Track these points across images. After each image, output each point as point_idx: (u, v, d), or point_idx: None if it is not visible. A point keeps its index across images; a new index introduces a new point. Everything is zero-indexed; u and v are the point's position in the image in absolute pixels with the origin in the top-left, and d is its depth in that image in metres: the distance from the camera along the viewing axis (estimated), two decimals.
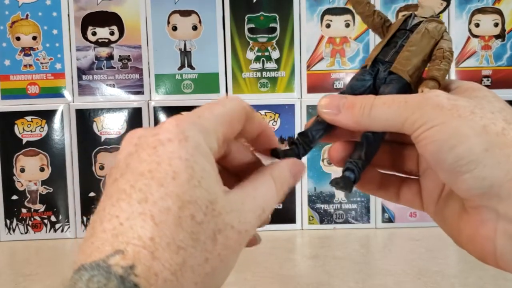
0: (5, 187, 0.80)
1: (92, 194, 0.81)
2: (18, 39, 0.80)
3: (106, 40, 0.81)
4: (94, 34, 0.80)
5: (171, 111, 0.80)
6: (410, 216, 0.82)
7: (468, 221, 0.29)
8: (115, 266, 0.21)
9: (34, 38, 0.80)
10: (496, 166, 0.26)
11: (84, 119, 0.80)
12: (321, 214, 0.82)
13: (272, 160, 0.31)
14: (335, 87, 0.81)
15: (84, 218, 0.81)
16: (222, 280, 0.25)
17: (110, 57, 0.81)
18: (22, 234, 0.81)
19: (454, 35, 0.80)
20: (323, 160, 0.82)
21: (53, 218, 0.81)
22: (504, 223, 0.27)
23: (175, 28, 0.81)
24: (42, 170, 0.80)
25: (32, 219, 0.80)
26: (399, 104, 0.28)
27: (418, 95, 0.28)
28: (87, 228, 0.23)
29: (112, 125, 0.80)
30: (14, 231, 0.80)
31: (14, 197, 0.80)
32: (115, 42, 0.81)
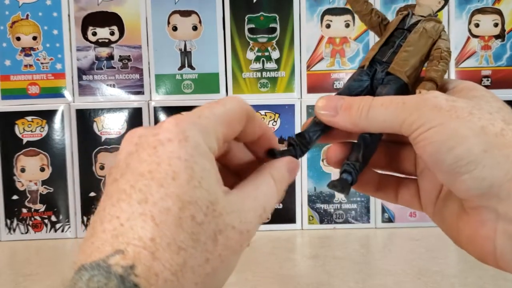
0: (5, 187, 0.80)
1: (92, 194, 0.81)
2: (19, 39, 0.80)
3: (107, 40, 0.81)
4: (95, 34, 0.80)
5: (171, 111, 0.80)
6: (410, 216, 0.82)
7: (468, 221, 0.29)
8: (115, 266, 0.21)
9: (35, 38, 0.80)
10: (495, 167, 0.26)
11: (85, 119, 0.80)
12: (321, 214, 0.82)
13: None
14: (335, 87, 0.81)
15: (85, 218, 0.81)
16: (223, 281, 0.25)
17: (111, 57, 0.81)
18: (22, 234, 0.81)
19: (454, 35, 0.80)
20: (323, 160, 0.82)
21: (53, 218, 0.81)
22: (504, 223, 0.27)
23: (175, 28, 0.81)
24: (42, 170, 0.80)
25: (32, 219, 0.81)
26: (397, 106, 0.28)
27: (416, 96, 0.28)
28: (88, 228, 0.23)
29: (112, 125, 0.81)
30: (14, 231, 0.81)
31: (15, 197, 0.80)
32: (116, 42, 0.81)
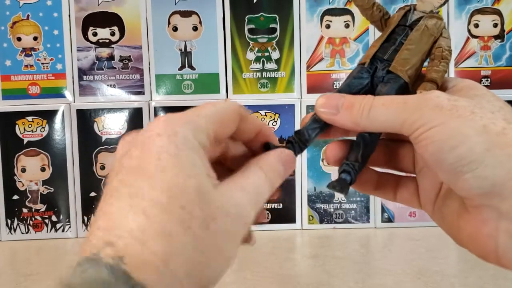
0: (6, 187, 0.80)
1: (93, 194, 0.81)
2: (19, 39, 0.80)
3: (107, 41, 0.81)
4: (95, 34, 0.81)
5: (172, 111, 0.79)
6: (409, 216, 0.82)
7: (469, 220, 0.28)
8: (105, 258, 0.21)
9: (35, 39, 0.80)
10: (497, 166, 0.26)
11: (85, 119, 0.81)
12: (321, 214, 0.82)
13: None
14: (335, 87, 0.81)
15: (85, 218, 0.81)
16: (219, 270, 0.25)
17: (111, 57, 0.81)
18: (23, 234, 0.81)
19: (454, 35, 0.80)
20: (323, 160, 0.82)
21: (54, 218, 0.81)
22: (506, 221, 0.27)
23: (175, 29, 0.81)
24: (43, 170, 0.80)
25: (33, 219, 0.81)
26: (398, 105, 0.28)
27: (417, 96, 0.28)
28: (88, 228, 0.24)
29: (113, 125, 0.81)
30: (15, 231, 0.81)
31: (15, 197, 0.81)
32: (116, 43, 0.81)
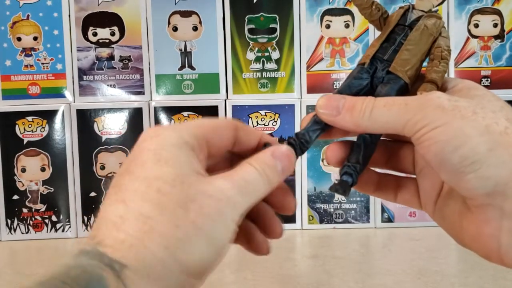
0: (6, 187, 0.80)
1: (93, 194, 0.81)
2: (19, 39, 0.80)
3: (107, 41, 0.81)
4: (95, 34, 0.81)
5: (172, 111, 0.80)
6: (409, 216, 0.82)
7: (472, 219, 0.29)
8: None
9: (35, 39, 0.80)
10: (500, 166, 0.26)
11: (85, 119, 0.81)
12: (321, 214, 0.82)
13: None
14: (335, 87, 0.81)
15: (85, 218, 0.81)
16: (203, 250, 0.25)
17: (111, 57, 0.81)
18: (23, 234, 0.81)
19: (454, 35, 0.80)
20: (323, 160, 0.82)
21: (54, 218, 0.81)
22: (509, 221, 0.27)
23: (175, 29, 0.81)
24: (43, 170, 0.80)
25: (33, 219, 0.81)
26: (400, 107, 0.28)
27: (419, 97, 0.28)
28: (88, 229, 0.27)
29: (113, 125, 0.81)
30: (15, 231, 0.81)
31: (15, 197, 0.81)
32: (116, 43, 0.81)
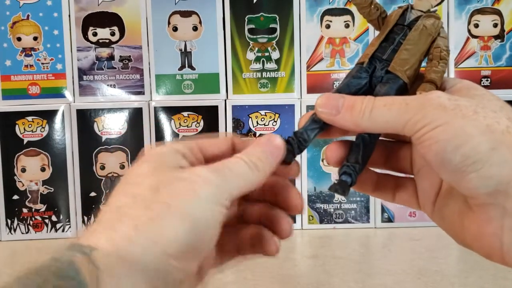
0: (6, 187, 0.80)
1: (93, 194, 0.81)
2: (19, 39, 0.80)
3: (107, 41, 0.81)
4: (95, 34, 0.81)
5: (172, 111, 0.80)
6: (409, 216, 0.82)
7: (473, 219, 0.28)
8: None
9: (35, 39, 0.80)
10: (502, 165, 0.26)
11: (85, 119, 0.81)
12: (321, 214, 0.82)
13: None
14: (335, 87, 0.81)
15: (85, 218, 0.81)
16: (178, 227, 0.26)
17: (111, 57, 0.81)
18: (23, 234, 0.81)
19: (454, 35, 0.80)
20: (323, 160, 0.82)
21: (54, 218, 0.81)
22: (511, 219, 0.27)
23: (175, 29, 0.81)
24: (43, 170, 0.80)
25: (33, 219, 0.81)
26: (400, 106, 0.28)
27: (418, 97, 0.28)
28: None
29: (112, 125, 0.81)
30: (15, 231, 0.81)
31: (15, 197, 0.81)
32: (116, 43, 0.81)
